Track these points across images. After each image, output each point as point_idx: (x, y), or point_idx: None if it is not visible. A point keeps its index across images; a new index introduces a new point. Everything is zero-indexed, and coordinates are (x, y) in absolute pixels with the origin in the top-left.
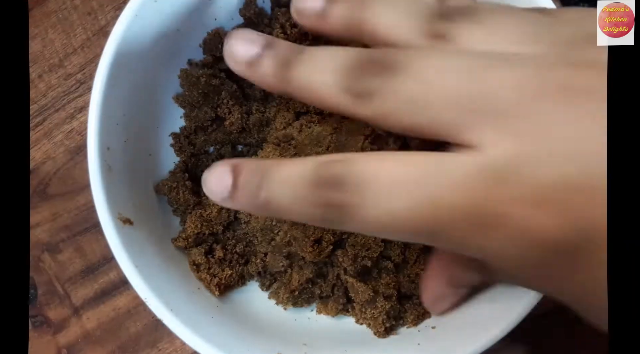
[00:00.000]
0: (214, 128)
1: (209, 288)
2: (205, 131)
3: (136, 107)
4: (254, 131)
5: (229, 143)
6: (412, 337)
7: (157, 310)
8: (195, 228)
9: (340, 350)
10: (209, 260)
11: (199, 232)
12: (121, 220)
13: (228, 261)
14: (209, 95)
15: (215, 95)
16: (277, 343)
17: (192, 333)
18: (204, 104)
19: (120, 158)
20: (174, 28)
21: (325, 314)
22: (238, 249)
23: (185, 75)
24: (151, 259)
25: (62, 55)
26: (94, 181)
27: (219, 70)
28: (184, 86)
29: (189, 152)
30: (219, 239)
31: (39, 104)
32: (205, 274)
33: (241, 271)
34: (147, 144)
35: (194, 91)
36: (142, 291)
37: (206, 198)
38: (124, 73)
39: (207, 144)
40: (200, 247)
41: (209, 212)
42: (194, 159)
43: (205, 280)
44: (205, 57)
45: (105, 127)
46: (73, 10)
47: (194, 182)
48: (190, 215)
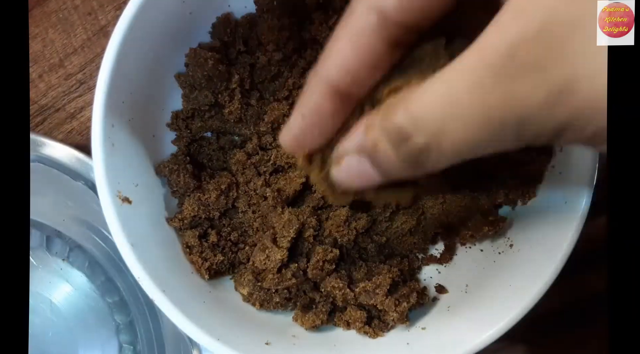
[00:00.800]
0: (211, 114)
1: (199, 271)
2: (203, 116)
3: (143, 87)
4: (250, 122)
5: (226, 134)
6: (402, 337)
7: (150, 290)
8: (192, 210)
9: (329, 345)
10: (202, 243)
11: (195, 215)
12: (120, 198)
13: (221, 247)
14: (212, 80)
15: (219, 81)
16: (267, 333)
17: (184, 316)
18: (206, 87)
19: (124, 137)
20: (186, 11)
21: (301, 324)
22: (232, 237)
23: (193, 54)
24: (147, 239)
25: (63, 55)
26: (96, 156)
27: (226, 57)
28: (190, 65)
29: (187, 137)
30: (215, 225)
31: (39, 104)
32: (197, 257)
33: (232, 259)
34: (151, 125)
35: (198, 72)
36: (135, 270)
37: (206, 183)
38: (133, 51)
39: (203, 130)
40: (195, 230)
41: (207, 196)
42: (195, 145)
43: (196, 263)
44: (213, 41)
45: (111, 104)
46: (73, 10)
47: (195, 166)
48: (188, 197)
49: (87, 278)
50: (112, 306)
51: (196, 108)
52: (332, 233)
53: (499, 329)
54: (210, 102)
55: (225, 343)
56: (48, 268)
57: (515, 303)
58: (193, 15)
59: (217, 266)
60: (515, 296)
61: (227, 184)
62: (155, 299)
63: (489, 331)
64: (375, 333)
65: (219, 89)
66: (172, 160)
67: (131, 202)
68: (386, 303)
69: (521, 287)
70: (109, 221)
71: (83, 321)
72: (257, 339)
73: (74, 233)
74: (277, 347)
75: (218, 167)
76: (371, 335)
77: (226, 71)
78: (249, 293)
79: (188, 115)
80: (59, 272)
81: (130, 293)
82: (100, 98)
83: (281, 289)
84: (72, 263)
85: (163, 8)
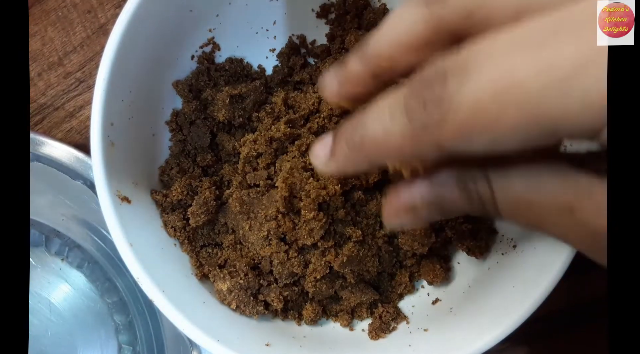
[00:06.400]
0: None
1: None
2: (193, 123)
3: (143, 85)
4: (238, 135)
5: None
6: (404, 339)
7: (149, 290)
8: (180, 194)
9: (329, 346)
10: (185, 226)
11: (181, 199)
12: (119, 198)
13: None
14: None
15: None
16: (267, 334)
17: (183, 317)
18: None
19: (123, 136)
20: (187, 9)
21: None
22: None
23: (177, 88)
24: (146, 239)
25: (62, 54)
26: (95, 155)
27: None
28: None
29: (180, 136)
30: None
31: (38, 103)
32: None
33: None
34: (151, 124)
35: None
36: (134, 270)
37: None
38: (133, 49)
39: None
40: (179, 213)
41: (197, 183)
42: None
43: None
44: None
45: (110, 102)
46: (73, 8)
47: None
48: (179, 179)
49: (86, 278)
50: (112, 307)
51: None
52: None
53: (502, 332)
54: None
55: (225, 344)
56: (47, 267)
57: (518, 304)
58: (193, 12)
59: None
60: (519, 298)
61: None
62: (155, 299)
63: (492, 333)
64: (377, 334)
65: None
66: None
67: (130, 201)
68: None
69: (524, 289)
70: (108, 221)
71: (82, 322)
72: (257, 340)
73: (73, 232)
74: (277, 348)
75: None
76: (372, 337)
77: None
78: (229, 290)
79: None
80: (58, 272)
81: (129, 293)
82: (99, 96)
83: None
84: (71, 263)
85: (163, 6)
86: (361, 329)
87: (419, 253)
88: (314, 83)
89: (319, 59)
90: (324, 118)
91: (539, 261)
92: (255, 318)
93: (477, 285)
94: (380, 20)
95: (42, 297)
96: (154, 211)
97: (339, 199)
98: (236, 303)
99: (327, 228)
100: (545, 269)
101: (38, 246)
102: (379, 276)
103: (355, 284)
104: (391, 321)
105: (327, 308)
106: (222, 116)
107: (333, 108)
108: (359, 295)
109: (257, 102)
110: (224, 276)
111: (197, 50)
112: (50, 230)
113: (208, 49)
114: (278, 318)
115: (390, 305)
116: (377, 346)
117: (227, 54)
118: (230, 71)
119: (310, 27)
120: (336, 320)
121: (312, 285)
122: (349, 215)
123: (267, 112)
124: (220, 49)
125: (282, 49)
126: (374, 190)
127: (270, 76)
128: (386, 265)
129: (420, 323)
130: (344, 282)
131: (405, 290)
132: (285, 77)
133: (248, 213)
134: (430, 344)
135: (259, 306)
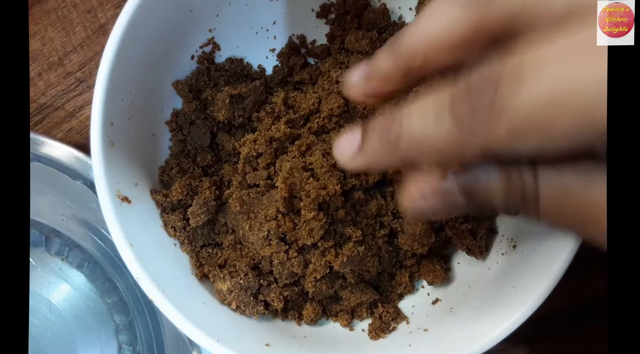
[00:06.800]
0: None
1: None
2: (193, 123)
3: (143, 85)
4: (238, 135)
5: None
6: (404, 339)
7: (149, 290)
8: (180, 194)
9: (329, 347)
10: (185, 226)
11: (181, 199)
12: (119, 198)
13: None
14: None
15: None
16: (267, 334)
17: (183, 317)
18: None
19: (123, 136)
20: (187, 9)
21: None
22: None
23: (177, 88)
24: (146, 239)
25: (62, 54)
26: (95, 155)
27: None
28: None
29: (180, 136)
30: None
31: (38, 103)
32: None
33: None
34: (151, 124)
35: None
36: (134, 270)
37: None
38: (133, 49)
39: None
40: (179, 213)
41: (197, 183)
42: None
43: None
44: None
45: (110, 102)
46: (73, 8)
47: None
48: (179, 179)
49: (86, 278)
50: (112, 307)
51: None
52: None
53: (502, 332)
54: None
55: (225, 344)
56: (47, 267)
57: (518, 305)
58: (193, 12)
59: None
60: (519, 298)
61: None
62: (155, 299)
63: (492, 333)
64: (377, 334)
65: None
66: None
67: (130, 201)
68: None
69: (524, 289)
70: (108, 221)
71: (82, 322)
72: (257, 340)
73: (73, 232)
74: (277, 348)
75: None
76: (372, 337)
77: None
78: (229, 290)
79: (185, 119)
80: (58, 272)
81: (129, 293)
82: (99, 96)
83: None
84: (71, 263)
85: (163, 6)
86: (361, 329)
87: (419, 253)
88: (314, 83)
89: (319, 58)
90: (324, 118)
91: (539, 261)
92: (255, 318)
93: (477, 285)
94: (380, 20)
95: (42, 297)
96: (154, 211)
97: (339, 199)
98: (236, 303)
99: (327, 228)
100: (545, 269)
101: (38, 246)
102: (379, 276)
103: (355, 284)
104: (391, 321)
105: (327, 308)
106: (222, 116)
107: (333, 108)
108: (359, 295)
109: (257, 102)
110: (224, 276)
111: (197, 50)
112: (50, 230)
113: (208, 49)
114: (278, 318)
115: (390, 305)
116: (377, 346)
117: (227, 54)
118: (230, 71)
119: (310, 27)
120: (336, 320)
121: (312, 285)
122: (349, 215)
123: (267, 112)
124: (220, 49)
125: (282, 49)
126: (374, 190)
127: (270, 76)
128: (386, 265)
129: (420, 323)
130: (344, 282)
131: (405, 290)
132: (285, 77)
133: (248, 213)
134: (430, 344)
135: (259, 306)
